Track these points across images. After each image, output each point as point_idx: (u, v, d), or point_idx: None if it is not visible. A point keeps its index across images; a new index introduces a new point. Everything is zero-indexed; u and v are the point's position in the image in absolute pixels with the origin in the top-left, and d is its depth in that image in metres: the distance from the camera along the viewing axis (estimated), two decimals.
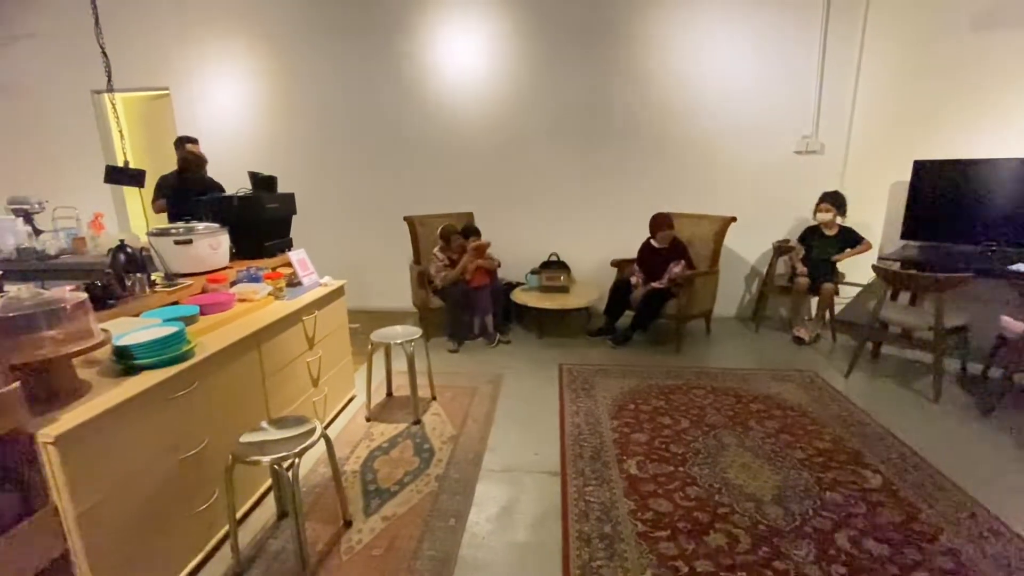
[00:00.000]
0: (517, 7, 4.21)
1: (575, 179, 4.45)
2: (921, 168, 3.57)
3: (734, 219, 3.84)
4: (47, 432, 1.31)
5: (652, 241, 3.87)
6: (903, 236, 3.67)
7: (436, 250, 3.95)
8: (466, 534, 1.97)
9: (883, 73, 3.88)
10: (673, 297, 3.66)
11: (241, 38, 4.56)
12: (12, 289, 1.75)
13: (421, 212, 4.39)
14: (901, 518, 1.98)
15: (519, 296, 4.07)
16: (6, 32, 4.80)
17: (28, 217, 3.69)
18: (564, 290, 4.03)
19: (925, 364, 3.35)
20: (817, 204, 3.83)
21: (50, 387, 1.50)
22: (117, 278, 2.11)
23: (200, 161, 3.78)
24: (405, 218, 4.29)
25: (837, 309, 4.05)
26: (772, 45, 4.02)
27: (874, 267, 3.19)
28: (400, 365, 3.32)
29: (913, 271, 3.02)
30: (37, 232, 3.60)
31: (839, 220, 3.83)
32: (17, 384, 1.26)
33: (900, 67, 3.79)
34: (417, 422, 2.78)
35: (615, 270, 4.14)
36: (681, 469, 2.32)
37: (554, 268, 4.21)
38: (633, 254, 4.14)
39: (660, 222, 3.79)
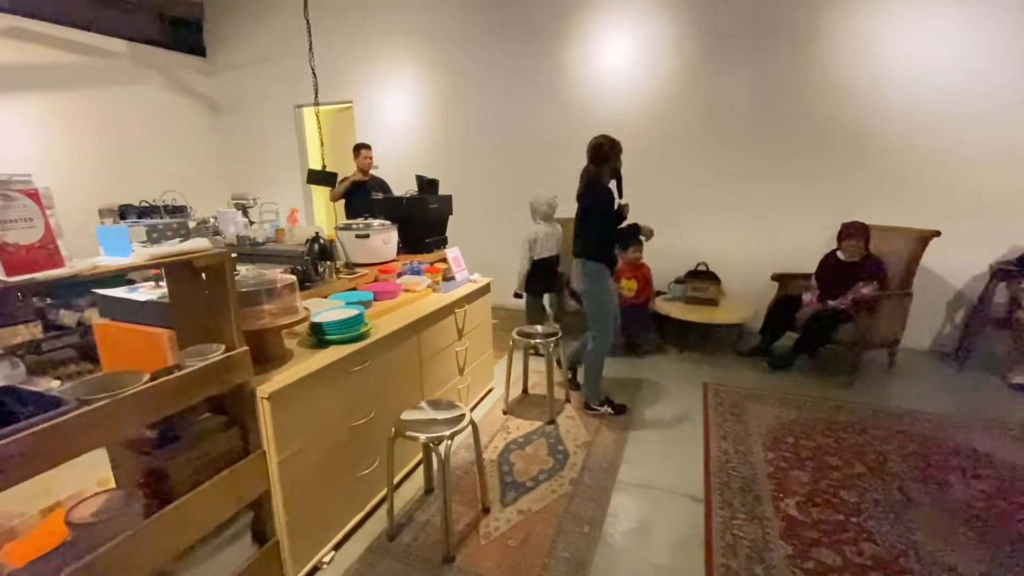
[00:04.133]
0: (672, 7, 4.02)
1: (731, 182, 4.10)
2: None
3: (937, 233, 3.21)
4: (264, 389, 1.57)
5: (839, 253, 3.40)
6: None
7: None
8: (601, 543, 1.93)
9: None
10: (850, 320, 3.17)
11: (413, 54, 5.05)
12: (241, 270, 2.15)
13: (563, 215, 4.42)
14: None
15: (661, 306, 3.88)
16: (232, 60, 5.93)
17: (244, 210, 4.53)
18: (712, 303, 3.74)
19: None
20: None
21: (265, 352, 1.81)
22: (312, 264, 2.47)
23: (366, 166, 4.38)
24: None
25: None
26: (993, 18, 3.26)
27: None
28: (536, 364, 3.39)
29: None
30: (251, 223, 4.40)
31: None
32: (247, 348, 1.54)
33: None
34: (552, 422, 2.80)
35: (776, 285, 3.73)
36: (854, 520, 2.00)
37: (702, 278, 3.93)
38: (801, 268, 3.69)
39: (851, 232, 3.31)
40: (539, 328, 2.97)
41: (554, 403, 2.86)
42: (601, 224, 2.69)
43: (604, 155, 2.70)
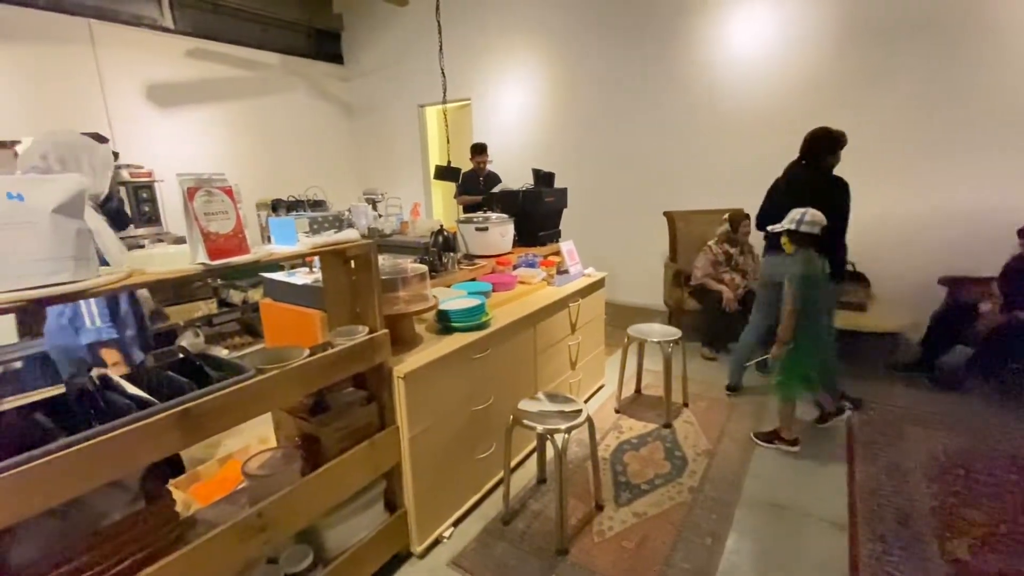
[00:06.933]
0: None
1: (884, 168, 3.56)
2: None
3: None
4: (400, 369, 1.69)
5: None
6: None
7: (712, 242, 3.64)
8: (724, 559, 1.80)
9: None
10: None
11: (530, 49, 5.09)
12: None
13: (682, 208, 4.20)
14: None
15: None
16: (365, 66, 6.44)
17: (374, 204, 4.92)
18: (859, 308, 3.29)
19: None
20: None
21: (399, 336, 1.94)
22: (438, 255, 2.60)
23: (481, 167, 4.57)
24: (665, 213, 4.17)
25: None
26: None
27: None
28: (650, 364, 3.27)
29: None
30: (379, 216, 4.77)
31: None
32: (387, 330, 1.66)
33: None
34: (668, 426, 2.68)
35: (944, 290, 3.19)
36: None
37: (847, 280, 3.47)
38: (977, 271, 3.12)
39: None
40: (656, 326, 2.85)
41: (671, 406, 2.72)
42: None
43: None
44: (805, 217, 2.30)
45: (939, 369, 3.00)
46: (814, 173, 2.63)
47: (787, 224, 2.34)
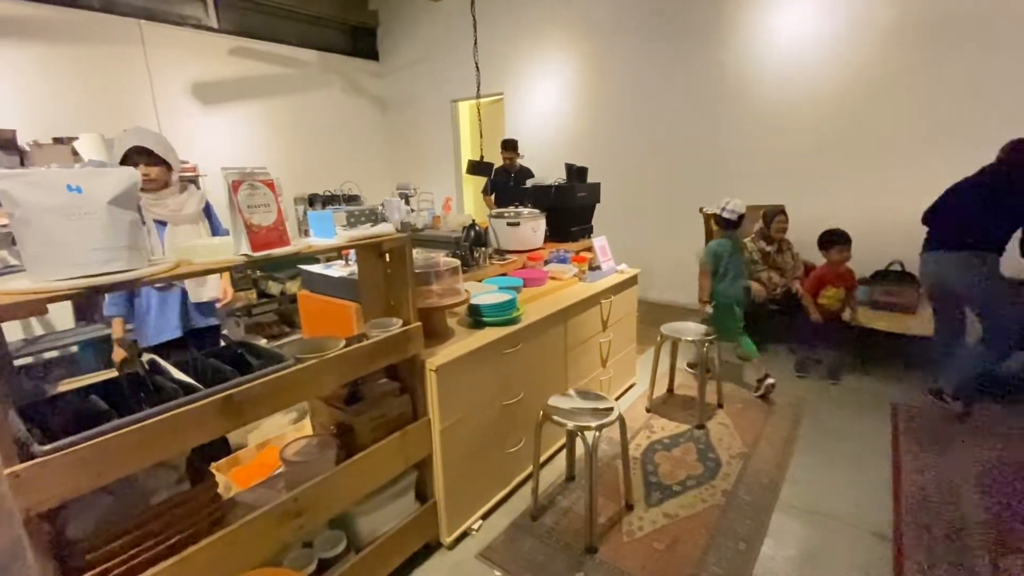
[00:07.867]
0: None
1: (935, 163, 3.36)
2: None
3: None
4: (432, 362, 1.70)
5: None
6: None
7: (747, 239, 3.54)
8: (758, 565, 1.75)
9: None
10: None
11: (562, 43, 5.04)
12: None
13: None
14: None
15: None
16: (399, 62, 6.50)
17: (406, 199, 4.98)
18: (908, 310, 3.14)
19: None
20: None
21: (431, 329, 1.95)
22: (469, 249, 2.61)
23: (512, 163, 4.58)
24: (700, 209, 4.06)
25: None
26: None
27: None
28: (683, 363, 3.20)
29: None
30: (411, 211, 4.82)
31: None
32: (420, 323, 1.68)
33: None
34: (701, 427, 2.62)
35: None
36: None
37: (895, 280, 3.31)
38: None
39: None
40: (691, 325, 2.79)
41: (705, 407, 2.66)
42: None
43: None
44: (728, 205, 2.81)
45: (997, 375, 2.83)
46: (1018, 179, 2.54)
47: (714, 208, 2.89)
